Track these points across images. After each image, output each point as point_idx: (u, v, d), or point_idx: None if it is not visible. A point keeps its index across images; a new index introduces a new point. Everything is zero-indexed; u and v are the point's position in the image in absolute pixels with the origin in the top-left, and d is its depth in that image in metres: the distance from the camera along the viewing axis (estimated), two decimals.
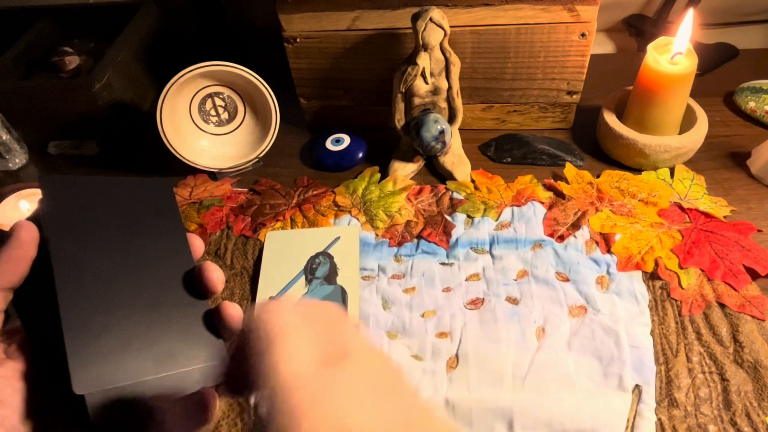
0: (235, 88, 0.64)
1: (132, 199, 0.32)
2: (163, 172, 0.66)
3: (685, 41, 0.55)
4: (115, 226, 0.31)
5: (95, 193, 0.31)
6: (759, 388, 0.41)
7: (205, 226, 0.59)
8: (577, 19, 0.57)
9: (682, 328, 0.46)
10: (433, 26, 0.53)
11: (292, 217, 0.59)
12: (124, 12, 0.77)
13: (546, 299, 0.49)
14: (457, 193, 0.59)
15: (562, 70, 0.61)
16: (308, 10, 0.59)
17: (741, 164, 0.60)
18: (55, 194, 0.29)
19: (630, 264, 0.50)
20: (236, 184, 0.64)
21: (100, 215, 0.31)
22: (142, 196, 0.33)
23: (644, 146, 0.58)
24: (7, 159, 0.69)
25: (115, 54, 0.70)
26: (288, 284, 0.52)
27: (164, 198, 0.34)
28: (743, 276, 0.48)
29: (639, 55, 0.59)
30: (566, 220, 0.55)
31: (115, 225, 0.31)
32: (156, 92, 0.77)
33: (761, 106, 0.65)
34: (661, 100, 0.57)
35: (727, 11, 0.78)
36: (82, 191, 0.31)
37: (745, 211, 0.55)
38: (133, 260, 0.31)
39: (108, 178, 0.33)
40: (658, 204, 0.55)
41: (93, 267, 0.29)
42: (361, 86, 0.66)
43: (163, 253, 0.32)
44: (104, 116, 0.68)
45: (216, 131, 0.65)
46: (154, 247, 0.32)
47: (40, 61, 0.76)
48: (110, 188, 0.32)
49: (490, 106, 0.66)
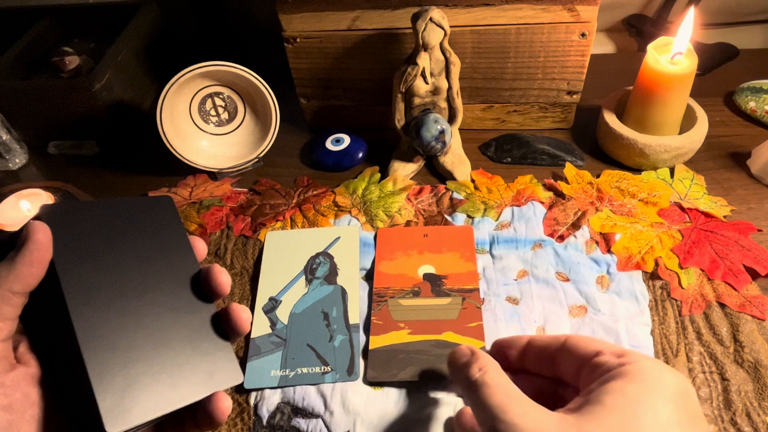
0: (235, 88, 0.64)
1: (134, 217, 0.32)
2: (163, 172, 0.66)
3: (685, 41, 0.55)
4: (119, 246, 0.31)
5: (97, 216, 0.31)
6: (759, 388, 0.41)
7: (205, 226, 0.59)
8: (577, 19, 0.57)
9: (683, 327, 0.46)
10: (433, 26, 0.53)
11: (292, 217, 0.59)
12: (124, 12, 0.77)
13: (546, 299, 0.49)
14: (457, 193, 0.59)
15: (562, 70, 0.61)
16: (308, 10, 0.59)
17: (741, 164, 0.60)
18: (57, 222, 0.29)
19: (630, 264, 0.50)
20: (236, 184, 0.64)
21: (104, 237, 0.31)
22: (143, 213, 0.33)
23: (644, 146, 0.58)
24: (7, 159, 0.69)
25: (115, 54, 0.70)
26: (288, 284, 0.52)
27: (166, 212, 0.34)
28: (743, 276, 0.48)
29: (639, 55, 0.59)
30: (566, 220, 0.55)
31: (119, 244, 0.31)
32: (156, 92, 0.77)
33: (761, 106, 0.65)
34: (661, 100, 0.57)
35: (727, 11, 0.78)
36: (83, 215, 0.31)
37: (745, 211, 0.55)
38: (141, 277, 0.31)
39: (109, 200, 0.33)
40: (658, 204, 0.55)
41: (104, 292, 0.29)
42: (361, 86, 0.66)
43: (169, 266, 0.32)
44: (104, 116, 0.68)
45: (216, 131, 0.65)
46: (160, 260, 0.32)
47: (40, 61, 0.76)
48: (112, 209, 0.32)
49: (490, 106, 0.66)
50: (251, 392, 0.45)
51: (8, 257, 0.27)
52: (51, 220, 0.29)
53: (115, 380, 0.27)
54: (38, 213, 0.29)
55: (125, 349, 0.28)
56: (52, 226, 0.28)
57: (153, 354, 0.29)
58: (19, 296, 0.27)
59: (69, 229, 0.29)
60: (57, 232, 0.28)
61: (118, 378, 0.27)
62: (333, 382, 0.44)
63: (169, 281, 0.32)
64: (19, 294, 0.27)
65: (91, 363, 0.27)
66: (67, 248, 0.28)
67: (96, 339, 0.27)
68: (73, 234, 0.29)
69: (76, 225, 0.30)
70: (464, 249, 0.53)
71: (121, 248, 0.31)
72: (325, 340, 0.47)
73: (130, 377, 0.28)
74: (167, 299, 0.31)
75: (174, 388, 0.29)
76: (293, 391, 0.44)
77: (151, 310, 0.30)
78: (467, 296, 0.49)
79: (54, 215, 0.29)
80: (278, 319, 0.49)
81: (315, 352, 0.46)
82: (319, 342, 0.47)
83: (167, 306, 0.31)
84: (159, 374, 0.29)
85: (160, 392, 0.28)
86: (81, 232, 0.30)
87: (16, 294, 0.27)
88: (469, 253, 0.52)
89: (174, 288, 0.32)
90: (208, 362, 0.31)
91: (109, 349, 0.28)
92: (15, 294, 0.26)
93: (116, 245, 0.31)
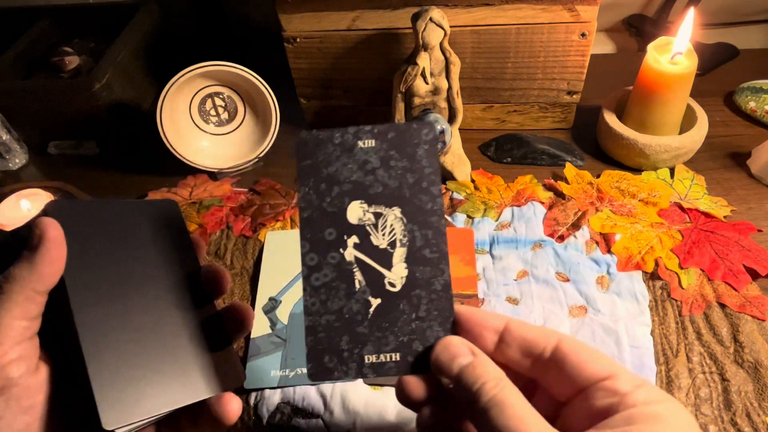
0: (235, 88, 0.64)
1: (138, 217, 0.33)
2: (163, 172, 0.66)
3: (685, 41, 0.55)
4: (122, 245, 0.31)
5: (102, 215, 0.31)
6: (759, 388, 0.41)
7: (205, 226, 0.58)
8: (577, 19, 0.57)
9: (683, 328, 0.46)
10: (433, 26, 0.53)
11: (292, 217, 0.59)
12: (124, 12, 0.77)
13: (546, 299, 0.49)
14: (457, 193, 0.59)
15: (562, 70, 0.61)
16: (308, 10, 0.59)
17: (741, 164, 0.60)
18: (63, 219, 0.29)
19: (630, 264, 0.50)
20: (236, 184, 0.64)
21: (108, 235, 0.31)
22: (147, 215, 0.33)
23: (644, 146, 0.58)
24: (7, 159, 0.69)
25: (115, 54, 0.70)
26: (288, 284, 0.52)
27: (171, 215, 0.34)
28: (743, 276, 0.48)
29: (639, 55, 0.59)
30: (566, 220, 0.55)
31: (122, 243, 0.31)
32: (156, 92, 0.77)
33: (761, 106, 0.65)
34: (661, 100, 0.57)
35: (727, 11, 0.78)
36: (88, 214, 0.31)
37: (745, 211, 0.55)
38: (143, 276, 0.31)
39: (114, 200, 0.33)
40: (658, 204, 0.55)
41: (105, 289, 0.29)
42: (361, 86, 0.66)
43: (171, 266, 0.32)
44: (104, 116, 0.68)
45: (216, 131, 0.65)
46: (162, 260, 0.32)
47: (40, 61, 0.76)
48: (116, 209, 0.32)
49: (490, 106, 0.66)
50: (251, 392, 0.45)
51: (24, 257, 0.27)
52: (57, 217, 0.29)
53: (115, 377, 0.27)
54: (44, 209, 0.29)
55: (126, 346, 0.28)
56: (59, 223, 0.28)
57: (154, 352, 0.29)
58: (43, 294, 0.27)
59: (74, 226, 0.29)
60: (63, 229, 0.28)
61: (117, 375, 0.27)
62: (333, 382, 0.44)
63: (171, 280, 0.32)
64: (42, 293, 0.27)
65: (91, 360, 0.27)
66: (72, 246, 0.28)
67: (97, 336, 0.27)
68: (78, 232, 0.29)
69: (80, 223, 0.30)
70: (464, 252, 0.53)
71: (124, 247, 0.31)
72: None
73: (130, 375, 0.28)
74: (169, 298, 0.31)
75: (174, 387, 0.29)
76: (293, 391, 0.44)
77: (153, 309, 0.30)
78: (465, 302, 0.49)
79: (60, 212, 0.29)
80: (278, 319, 0.49)
81: None
82: None
83: (168, 304, 0.31)
84: (159, 373, 0.29)
85: (159, 391, 0.28)
86: (85, 230, 0.30)
87: (40, 293, 0.27)
88: (469, 257, 0.52)
89: (175, 287, 0.32)
90: (210, 362, 0.31)
91: (110, 346, 0.28)
92: (39, 293, 0.27)
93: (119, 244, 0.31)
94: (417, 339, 0.29)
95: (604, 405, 0.25)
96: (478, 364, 0.27)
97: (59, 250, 0.27)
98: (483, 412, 0.25)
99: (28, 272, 0.26)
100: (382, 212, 0.30)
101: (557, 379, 0.27)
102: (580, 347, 0.27)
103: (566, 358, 0.26)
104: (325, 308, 0.29)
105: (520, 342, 0.28)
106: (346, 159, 0.30)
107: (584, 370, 0.26)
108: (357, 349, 0.28)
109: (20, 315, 0.26)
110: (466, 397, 0.26)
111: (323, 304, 0.29)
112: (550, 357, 0.27)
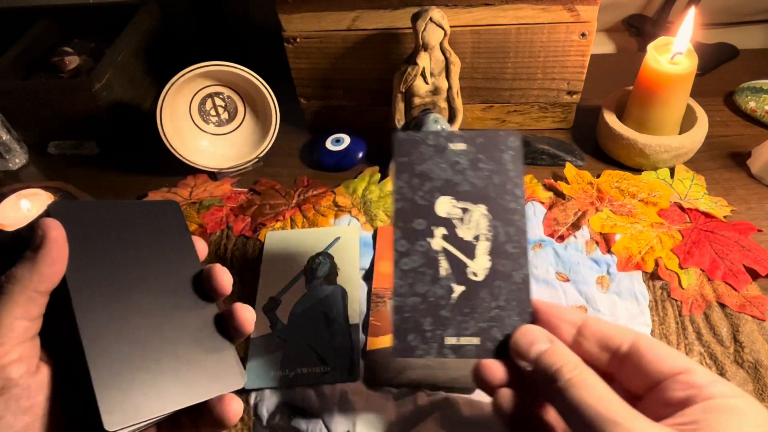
0: (235, 88, 0.64)
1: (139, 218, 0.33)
2: (163, 172, 0.66)
3: (685, 41, 0.55)
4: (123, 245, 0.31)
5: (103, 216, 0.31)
6: (759, 388, 0.41)
7: (205, 226, 0.59)
8: (577, 19, 0.57)
9: (683, 328, 0.46)
10: (433, 26, 0.53)
11: (292, 217, 0.59)
12: (124, 12, 0.77)
13: (546, 299, 0.48)
14: None
15: (562, 70, 0.61)
16: (308, 10, 0.59)
17: (741, 164, 0.60)
18: (65, 219, 0.29)
19: (630, 264, 0.50)
20: (236, 184, 0.64)
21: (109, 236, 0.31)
22: (149, 216, 0.33)
23: (644, 146, 0.58)
24: (7, 159, 0.69)
25: (115, 54, 0.70)
26: (288, 284, 0.52)
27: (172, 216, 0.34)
28: (743, 276, 0.48)
29: (639, 55, 0.59)
30: (566, 220, 0.55)
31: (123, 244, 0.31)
32: (156, 92, 0.77)
33: (761, 106, 0.65)
34: (661, 100, 0.57)
35: (727, 11, 0.78)
36: (90, 215, 0.31)
37: (745, 211, 0.55)
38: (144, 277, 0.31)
39: (116, 201, 0.33)
40: (658, 204, 0.55)
41: (107, 290, 0.29)
42: (361, 86, 0.66)
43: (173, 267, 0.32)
44: (104, 116, 0.68)
45: (216, 131, 0.65)
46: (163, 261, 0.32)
47: (40, 61, 0.76)
48: (118, 210, 0.32)
49: (490, 106, 0.66)
50: (251, 392, 0.45)
51: (26, 257, 0.27)
52: (59, 217, 0.29)
53: (117, 378, 0.27)
54: (47, 210, 0.29)
55: (127, 347, 0.28)
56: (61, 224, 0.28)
57: (155, 353, 0.29)
58: (44, 295, 0.27)
59: (75, 227, 0.29)
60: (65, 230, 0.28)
61: (119, 376, 0.27)
62: (333, 383, 0.44)
63: (172, 281, 0.32)
64: (44, 293, 0.27)
65: (93, 360, 0.27)
66: (74, 246, 0.28)
67: (99, 337, 0.27)
68: (80, 232, 0.29)
69: (82, 224, 0.30)
70: None
71: (126, 248, 0.31)
72: (325, 340, 0.47)
73: (132, 376, 0.28)
74: (170, 299, 0.31)
75: (176, 389, 0.29)
76: (293, 391, 0.44)
77: (154, 310, 0.30)
78: None
79: (62, 213, 0.29)
80: (278, 319, 0.49)
81: (315, 352, 0.46)
82: (319, 342, 0.47)
83: (170, 306, 0.31)
84: (161, 374, 0.29)
85: (161, 392, 0.28)
86: (87, 231, 0.30)
87: (41, 293, 0.27)
88: None
89: (177, 288, 0.32)
90: (212, 363, 0.31)
91: (112, 347, 0.28)
92: (40, 293, 0.27)
93: (121, 245, 0.31)
94: (496, 326, 0.31)
95: (682, 396, 0.26)
96: (556, 350, 0.28)
97: (61, 251, 0.27)
98: (562, 390, 0.26)
99: (29, 272, 0.26)
100: (469, 208, 0.32)
101: (634, 372, 0.28)
102: (657, 344, 0.28)
103: (644, 353, 0.28)
104: (412, 291, 0.31)
105: (599, 336, 0.29)
106: (438, 159, 0.33)
107: (661, 364, 0.27)
108: (439, 330, 0.31)
109: (21, 315, 0.26)
110: (544, 379, 0.28)
111: (410, 287, 0.31)
112: (628, 352, 0.28)
